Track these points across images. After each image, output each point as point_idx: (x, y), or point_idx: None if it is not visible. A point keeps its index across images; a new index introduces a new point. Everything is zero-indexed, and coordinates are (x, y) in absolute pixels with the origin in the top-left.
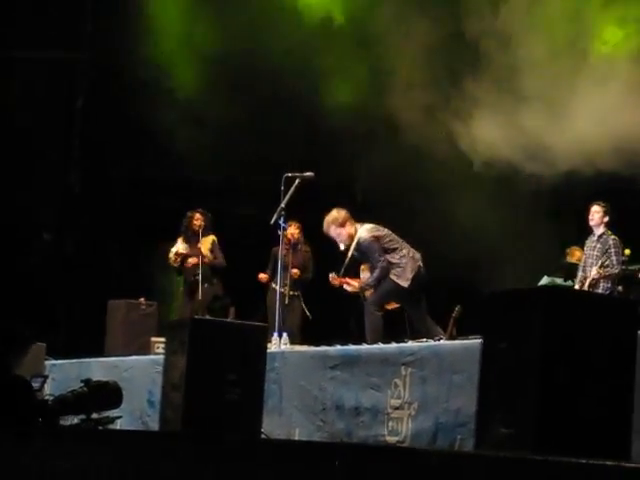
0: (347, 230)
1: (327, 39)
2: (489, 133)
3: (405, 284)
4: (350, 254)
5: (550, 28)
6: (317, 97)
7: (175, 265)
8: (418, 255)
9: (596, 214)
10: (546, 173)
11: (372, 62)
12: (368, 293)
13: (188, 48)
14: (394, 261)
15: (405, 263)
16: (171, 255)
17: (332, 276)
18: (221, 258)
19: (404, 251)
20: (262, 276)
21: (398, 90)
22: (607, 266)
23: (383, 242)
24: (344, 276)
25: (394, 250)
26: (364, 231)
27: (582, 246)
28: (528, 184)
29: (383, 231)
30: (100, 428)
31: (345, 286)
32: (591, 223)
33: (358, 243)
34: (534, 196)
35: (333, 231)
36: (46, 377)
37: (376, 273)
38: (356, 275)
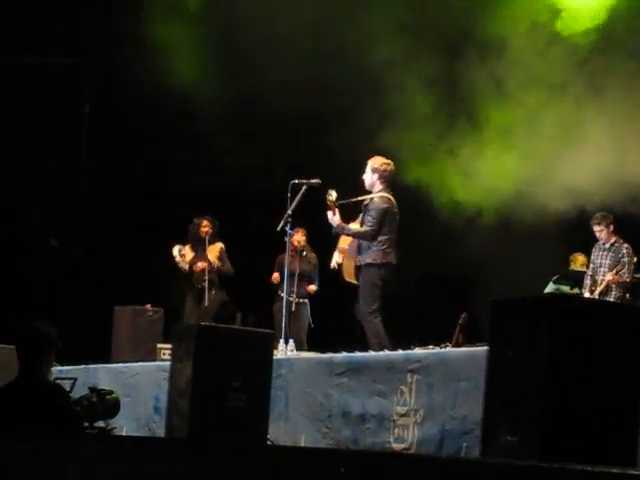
0: (377, 180)
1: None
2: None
3: (369, 260)
4: (359, 199)
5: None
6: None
7: (182, 266)
8: (397, 261)
9: (601, 232)
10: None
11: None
12: (338, 238)
13: (192, 54)
14: (380, 239)
15: (385, 249)
16: (176, 254)
17: (332, 192)
18: (229, 265)
19: (393, 245)
20: (275, 276)
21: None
22: (620, 273)
23: (387, 218)
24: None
25: (386, 234)
26: (386, 198)
27: (586, 254)
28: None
29: (395, 214)
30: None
31: (330, 212)
32: (600, 239)
33: (372, 199)
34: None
35: (370, 167)
36: (75, 379)
37: (359, 229)
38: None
